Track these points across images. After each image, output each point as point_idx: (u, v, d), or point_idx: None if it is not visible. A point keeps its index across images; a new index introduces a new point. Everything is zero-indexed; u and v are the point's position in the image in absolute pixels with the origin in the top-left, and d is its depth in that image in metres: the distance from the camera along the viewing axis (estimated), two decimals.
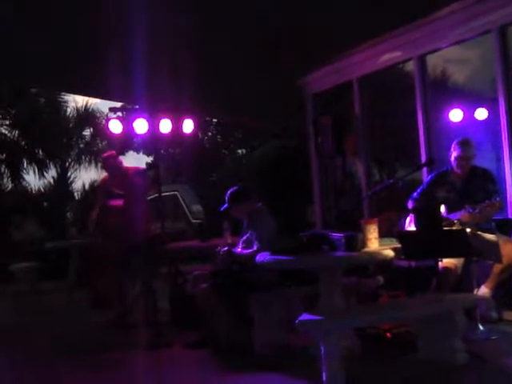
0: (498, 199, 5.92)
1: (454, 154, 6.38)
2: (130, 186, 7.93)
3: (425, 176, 7.49)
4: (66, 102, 17.82)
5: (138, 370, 6.17)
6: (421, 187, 6.74)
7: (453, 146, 6.44)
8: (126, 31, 7.96)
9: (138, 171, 8.37)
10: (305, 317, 5.01)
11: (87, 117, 18.00)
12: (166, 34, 8.42)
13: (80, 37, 8.59)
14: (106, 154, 8.69)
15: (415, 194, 6.68)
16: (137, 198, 8.02)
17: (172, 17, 8.03)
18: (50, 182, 17.70)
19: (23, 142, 17.38)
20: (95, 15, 7.89)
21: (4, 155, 17.15)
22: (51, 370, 6.30)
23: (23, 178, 17.48)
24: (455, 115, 8.46)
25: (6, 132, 17.29)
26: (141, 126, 8.11)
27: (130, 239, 7.85)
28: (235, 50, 9.16)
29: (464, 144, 6.37)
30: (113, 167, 8.23)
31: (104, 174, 8.63)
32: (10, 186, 17.38)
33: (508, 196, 7.00)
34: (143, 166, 20.71)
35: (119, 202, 7.93)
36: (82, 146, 18.03)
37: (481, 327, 5.83)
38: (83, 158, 17.85)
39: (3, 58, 9.59)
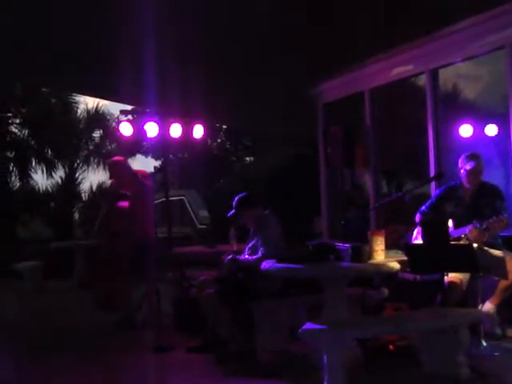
0: (505, 216, 5.90)
1: (465, 168, 6.33)
2: (139, 189, 7.91)
3: (433, 190, 7.48)
4: (76, 102, 17.93)
5: (139, 372, 6.17)
6: (429, 201, 6.72)
7: (462, 160, 6.42)
8: (138, 35, 8.01)
9: (146, 174, 8.35)
10: (308, 326, 5.01)
11: (97, 118, 18.08)
12: (176, 40, 8.46)
13: (92, 39, 8.63)
14: (114, 159, 8.58)
15: (423, 207, 6.67)
16: (145, 200, 8.01)
17: (182, 24, 8.07)
18: (57, 182, 17.78)
19: (33, 142, 17.46)
20: (108, 18, 7.94)
21: (13, 154, 17.22)
22: (52, 369, 6.29)
23: (31, 177, 17.57)
24: (465, 130, 8.46)
25: (16, 131, 17.40)
26: (151, 129, 8.13)
27: (137, 241, 7.86)
28: (247, 58, 9.19)
29: (475, 157, 6.35)
30: (120, 172, 8.13)
31: (111, 179, 8.50)
32: (18, 184, 17.44)
33: None
34: (151, 169, 20.77)
35: (126, 204, 7.93)
36: (91, 147, 18.11)
37: (484, 343, 5.81)
38: (92, 159, 17.94)
39: (16, 58, 9.65)
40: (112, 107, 18.32)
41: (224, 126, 23.13)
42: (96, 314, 8.80)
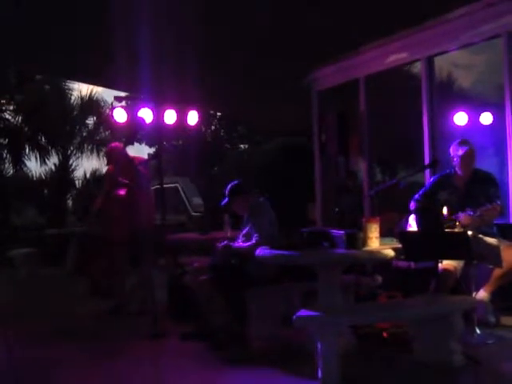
0: (498, 203, 5.91)
1: (458, 154, 6.35)
2: (136, 176, 7.92)
3: (428, 178, 7.48)
4: (70, 89, 17.84)
5: (133, 359, 6.16)
6: (423, 189, 6.73)
7: (453, 148, 6.43)
8: (132, 20, 7.97)
9: (142, 161, 8.37)
10: (302, 313, 5.02)
11: (91, 105, 18.00)
12: (171, 26, 8.42)
13: (86, 25, 8.59)
14: (112, 145, 8.66)
15: (417, 195, 6.67)
16: (142, 187, 8.01)
17: (178, 10, 8.03)
18: (51, 169, 17.73)
19: (26, 128, 17.39)
20: (102, 4, 7.89)
21: (6, 140, 17.15)
22: (49, 357, 6.28)
23: (25, 164, 17.51)
24: (460, 118, 8.45)
25: (10, 117, 17.32)
26: (146, 115, 8.10)
27: (133, 228, 7.86)
28: (241, 45, 9.15)
29: (467, 143, 6.40)
30: (118, 158, 8.17)
31: (109, 165, 8.55)
32: (12, 171, 17.39)
33: (510, 201, 6.99)
34: (145, 156, 20.70)
35: (124, 191, 7.94)
36: (84, 134, 18.04)
37: (478, 331, 5.82)
38: (85, 146, 17.89)
39: (10, 43, 9.59)
40: (106, 94, 18.28)
41: (218, 114, 23.08)
42: (90, 301, 8.80)
